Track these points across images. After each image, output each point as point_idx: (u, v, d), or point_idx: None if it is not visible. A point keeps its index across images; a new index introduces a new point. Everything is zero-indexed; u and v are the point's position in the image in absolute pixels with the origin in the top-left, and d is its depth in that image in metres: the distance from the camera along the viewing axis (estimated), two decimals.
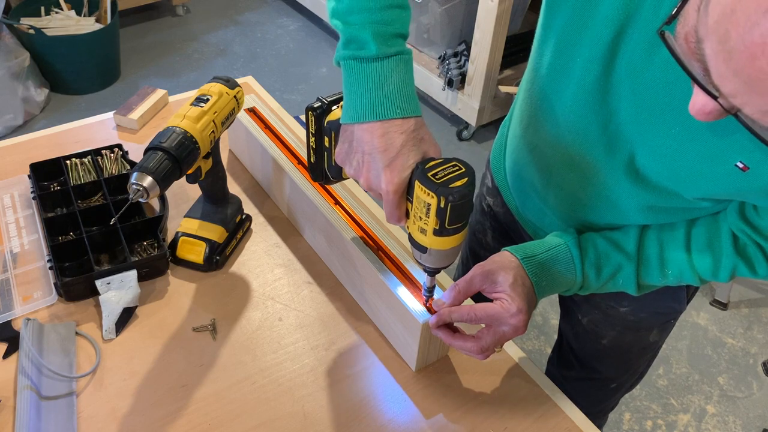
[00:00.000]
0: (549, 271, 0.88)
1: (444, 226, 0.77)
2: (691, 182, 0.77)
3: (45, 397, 0.88)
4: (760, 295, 2.37)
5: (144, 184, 0.87)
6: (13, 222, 1.12)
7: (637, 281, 0.89)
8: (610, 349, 1.16)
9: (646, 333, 1.13)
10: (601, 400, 1.30)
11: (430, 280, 0.87)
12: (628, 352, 1.18)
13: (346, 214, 1.05)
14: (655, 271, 0.89)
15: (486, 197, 1.21)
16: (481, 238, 1.26)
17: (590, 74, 0.78)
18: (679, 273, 0.87)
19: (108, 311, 0.97)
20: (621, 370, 1.22)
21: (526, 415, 0.92)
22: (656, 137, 0.76)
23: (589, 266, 0.89)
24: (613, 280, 0.90)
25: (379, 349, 0.98)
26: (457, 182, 0.75)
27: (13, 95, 2.74)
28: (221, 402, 0.90)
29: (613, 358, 1.19)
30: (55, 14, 2.99)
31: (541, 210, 1.01)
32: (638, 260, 0.89)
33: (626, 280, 0.90)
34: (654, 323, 1.12)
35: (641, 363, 1.23)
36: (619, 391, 1.28)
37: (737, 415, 2.00)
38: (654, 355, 1.24)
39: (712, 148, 0.73)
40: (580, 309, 1.15)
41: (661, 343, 1.19)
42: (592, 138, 0.83)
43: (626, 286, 0.90)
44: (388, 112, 0.77)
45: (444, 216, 0.76)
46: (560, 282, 0.89)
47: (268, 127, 1.20)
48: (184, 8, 3.63)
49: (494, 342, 0.85)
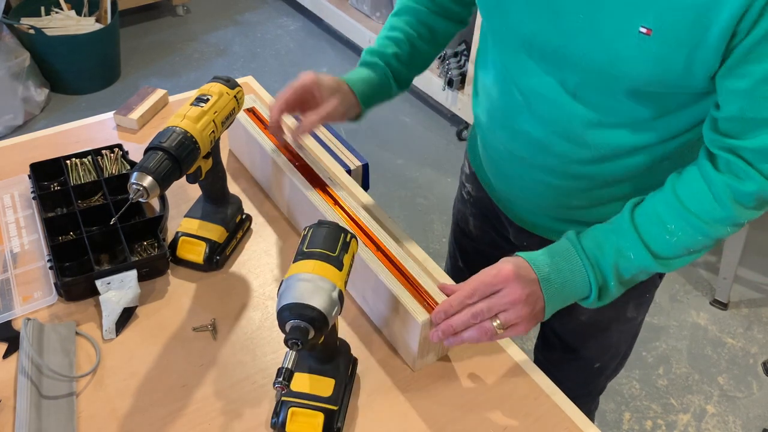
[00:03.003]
0: (551, 260, 0.88)
1: None
2: (609, 62, 0.81)
3: (45, 397, 0.88)
4: (760, 295, 2.37)
5: (144, 183, 0.87)
6: (13, 222, 1.12)
7: (648, 249, 0.87)
8: (589, 326, 1.17)
9: (622, 307, 1.14)
10: (586, 382, 1.30)
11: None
12: (607, 329, 1.18)
13: (346, 215, 1.05)
14: (657, 229, 0.87)
15: (465, 184, 1.25)
16: (464, 227, 1.28)
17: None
18: (683, 223, 0.86)
19: (108, 311, 0.97)
20: (602, 349, 1.23)
21: (526, 415, 0.92)
22: (564, 24, 0.82)
23: (588, 240, 0.89)
24: (624, 257, 0.88)
25: (379, 349, 0.98)
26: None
27: (13, 95, 2.74)
28: (221, 402, 0.90)
29: (593, 335, 1.20)
30: (55, 14, 2.99)
31: (510, 183, 1.06)
32: (635, 226, 0.88)
33: (637, 253, 0.88)
34: (629, 296, 1.10)
35: (621, 343, 1.24)
36: (603, 373, 1.28)
37: (737, 415, 2.00)
38: (634, 335, 1.25)
39: (616, 17, 0.77)
40: None
41: (639, 320, 1.20)
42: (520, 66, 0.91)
43: (642, 259, 0.88)
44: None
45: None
46: (567, 269, 0.88)
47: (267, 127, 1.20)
48: (184, 8, 3.63)
49: (488, 307, 0.85)
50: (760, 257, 2.49)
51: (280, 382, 0.74)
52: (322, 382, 0.86)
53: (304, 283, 0.76)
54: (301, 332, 0.74)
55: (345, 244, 0.82)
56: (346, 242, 0.83)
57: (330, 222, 0.84)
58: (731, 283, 2.26)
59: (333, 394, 0.85)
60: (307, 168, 1.13)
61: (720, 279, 2.27)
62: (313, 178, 1.11)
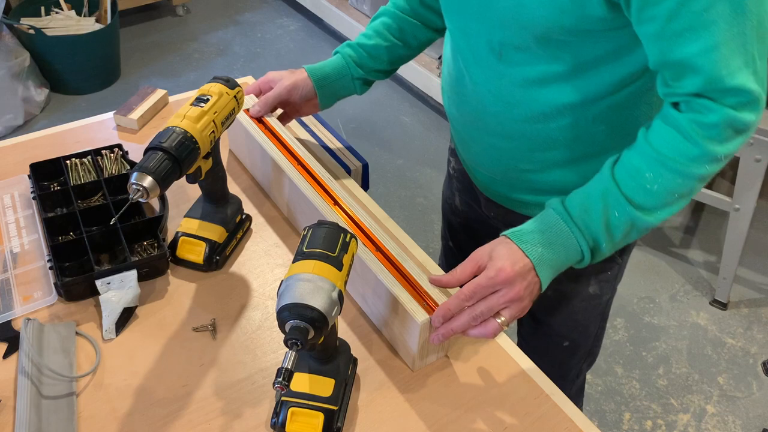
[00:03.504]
0: (542, 236, 0.89)
1: None
2: (515, 9, 0.88)
3: (45, 397, 0.88)
4: (760, 295, 2.37)
5: (144, 184, 0.87)
6: (13, 222, 1.12)
7: (632, 204, 0.88)
8: (554, 301, 1.20)
9: (585, 283, 1.17)
10: (559, 362, 1.31)
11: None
12: (571, 305, 1.20)
13: (345, 215, 1.05)
14: (637, 182, 0.88)
15: (450, 159, 1.33)
16: (451, 203, 1.35)
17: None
18: (661, 169, 0.87)
19: (108, 311, 0.97)
20: (568, 323, 1.24)
21: (526, 415, 0.92)
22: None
23: (574, 208, 0.90)
24: (611, 217, 0.89)
25: (378, 349, 0.98)
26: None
27: (13, 95, 2.74)
28: (221, 402, 0.90)
29: (559, 311, 1.22)
30: (55, 14, 2.99)
31: (468, 149, 1.14)
32: (616, 183, 0.89)
33: (621, 210, 0.88)
34: (590, 270, 1.13)
35: (590, 322, 1.25)
36: (574, 354, 1.29)
37: (737, 415, 2.00)
38: (602, 316, 1.26)
39: None
40: None
41: (604, 299, 1.22)
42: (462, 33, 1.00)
43: (628, 215, 0.88)
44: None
45: None
46: (559, 242, 0.89)
47: (267, 128, 1.20)
48: (184, 8, 3.63)
49: (489, 307, 0.86)
50: (760, 257, 2.49)
51: (280, 382, 0.74)
52: (322, 383, 0.86)
53: (304, 284, 0.76)
54: (301, 332, 0.74)
55: (345, 245, 0.82)
56: (346, 242, 0.83)
57: (330, 222, 0.84)
58: (731, 283, 2.26)
59: (333, 394, 0.85)
60: (307, 168, 1.13)
61: (720, 279, 2.27)
62: (313, 179, 1.11)
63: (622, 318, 2.25)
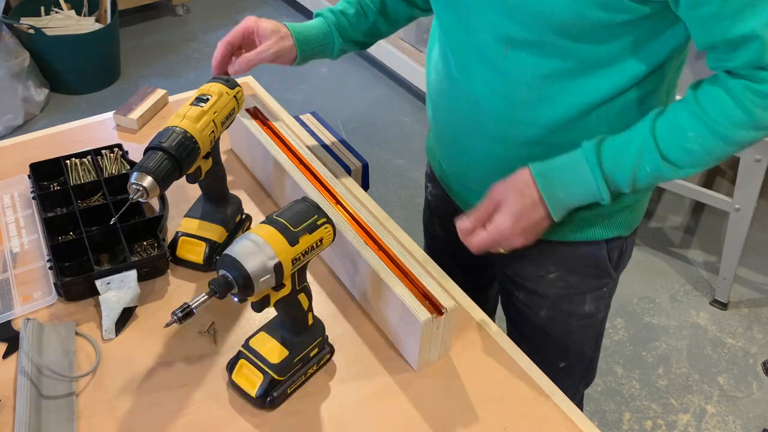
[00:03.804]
0: (555, 164, 0.94)
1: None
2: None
3: (45, 397, 0.88)
4: (760, 295, 2.37)
5: (144, 184, 0.87)
6: (13, 222, 1.12)
7: (664, 157, 0.89)
8: (549, 321, 1.18)
9: (580, 301, 1.15)
10: (553, 379, 1.30)
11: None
12: (567, 325, 1.19)
13: (347, 214, 1.05)
14: (675, 139, 0.89)
15: (427, 185, 1.32)
16: (432, 230, 1.37)
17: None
18: (704, 130, 0.87)
19: (108, 311, 0.97)
20: (564, 347, 1.22)
21: (526, 415, 0.92)
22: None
23: (607, 157, 0.92)
24: (640, 166, 0.90)
25: (380, 349, 0.98)
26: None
27: (13, 95, 2.74)
28: (221, 402, 0.90)
29: (554, 332, 1.20)
30: (55, 14, 2.99)
31: (458, 159, 1.11)
32: (655, 137, 0.90)
33: (653, 164, 0.90)
34: (585, 288, 1.13)
35: (585, 343, 1.23)
36: (570, 376, 1.27)
37: (737, 415, 2.00)
38: (597, 336, 1.25)
39: None
40: (514, 285, 1.18)
41: (599, 317, 1.20)
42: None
43: (656, 169, 0.90)
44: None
45: None
46: (571, 169, 0.93)
47: (268, 127, 1.20)
48: (184, 8, 3.63)
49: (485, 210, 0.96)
50: (760, 257, 2.49)
51: (176, 314, 0.77)
52: (276, 350, 0.90)
53: (250, 244, 0.79)
54: (225, 284, 0.78)
55: (313, 226, 0.84)
56: (315, 224, 0.84)
57: (311, 201, 0.86)
58: (731, 283, 2.26)
59: (280, 363, 0.89)
60: (308, 167, 1.13)
61: (720, 279, 2.27)
62: (315, 178, 1.11)
63: (622, 318, 2.25)
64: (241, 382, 0.90)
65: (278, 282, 0.82)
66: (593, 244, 1.08)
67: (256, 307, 0.83)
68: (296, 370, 0.91)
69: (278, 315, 0.90)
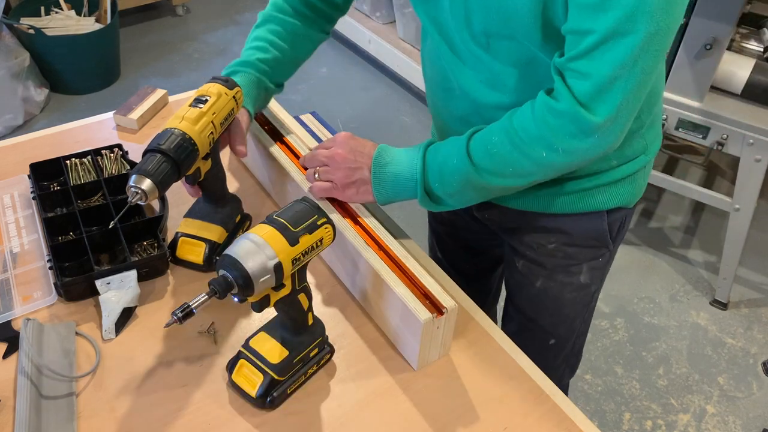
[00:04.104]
0: (396, 169, 1.00)
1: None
2: (503, 12, 0.88)
3: (45, 397, 0.88)
4: (760, 295, 2.37)
5: (143, 186, 0.87)
6: (13, 222, 1.12)
7: (468, 150, 0.95)
8: (542, 293, 1.20)
9: (576, 271, 1.16)
10: (542, 358, 1.31)
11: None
12: (560, 297, 1.20)
13: (347, 213, 1.05)
14: (482, 141, 0.94)
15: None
16: (436, 213, 1.36)
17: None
18: (502, 137, 0.92)
19: (108, 311, 0.97)
20: (555, 319, 1.24)
21: (526, 415, 0.92)
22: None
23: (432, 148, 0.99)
24: (449, 163, 0.96)
25: (380, 349, 0.98)
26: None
27: (13, 95, 2.74)
28: (221, 402, 0.90)
29: (548, 303, 1.22)
30: (55, 14, 2.99)
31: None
32: (470, 133, 0.96)
33: (459, 150, 0.95)
34: (582, 258, 1.15)
35: (575, 315, 1.24)
36: (560, 351, 1.29)
37: (737, 415, 2.00)
38: (588, 309, 1.26)
39: None
40: (516, 254, 1.20)
41: (593, 289, 1.22)
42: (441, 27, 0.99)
43: (463, 166, 0.95)
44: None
45: None
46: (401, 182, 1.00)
47: (268, 127, 1.20)
48: (184, 8, 3.63)
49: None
50: (760, 257, 2.49)
51: (176, 314, 0.78)
52: (277, 350, 0.90)
53: (250, 244, 0.79)
54: (225, 284, 0.79)
55: (312, 226, 0.84)
56: (315, 224, 0.84)
57: (311, 201, 0.86)
58: (731, 283, 2.26)
59: (280, 363, 0.88)
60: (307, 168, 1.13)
61: (720, 279, 2.27)
62: None
63: (622, 318, 2.25)
64: (241, 382, 0.90)
65: (278, 282, 0.82)
66: (594, 215, 1.09)
67: (256, 307, 0.83)
68: (296, 370, 0.91)
69: (278, 315, 0.90)
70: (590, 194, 1.06)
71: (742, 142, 1.98)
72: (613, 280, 2.36)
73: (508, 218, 1.15)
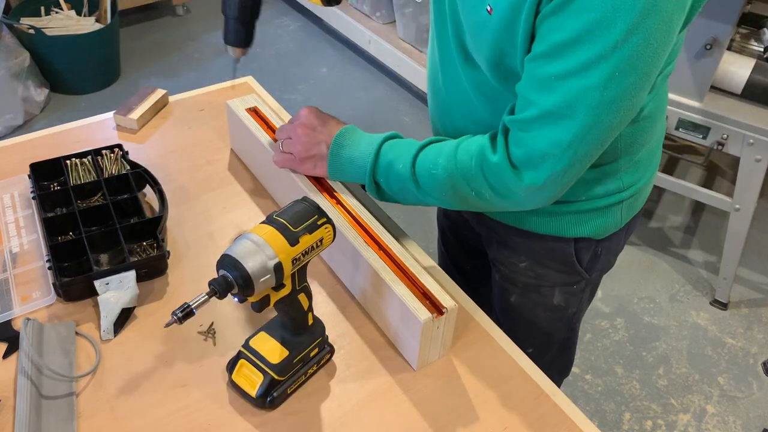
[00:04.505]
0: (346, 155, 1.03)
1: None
2: (473, 39, 0.90)
3: (45, 397, 0.88)
4: (760, 295, 2.37)
5: None
6: (13, 222, 1.12)
7: (413, 170, 0.96)
8: (518, 307, 1.21)
9: (548, 293, 1.17)
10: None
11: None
12: (535, 313, 1.21)
13: (347, 213, 1.05)
14: (427, 158, 0.96)
15: None
16: (444, 208, 1.35)
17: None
18: (447, 162, 0.94)
19: (106, 312, 0.97)
20: (532, 333, 1.24)
21: (526, 415, 0.92)
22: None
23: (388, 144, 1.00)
24: (395, 165, 0.98)
25: (380, 349, 0.98)
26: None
27: (13, 95, 2.74)
28: (221, 402, 0.90)
29: (523, 317, 1.22)
30: (55, 14, 2.99)
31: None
32: (424, 143, 0.98)
33: (404, 165, 0.97)
34: (554, 282, 1.15)
35: (554, 331, 1.25)
36: (538, 359, 1.26)
37: (737, 415, 2.00)
38: (570, 327, 1.26)
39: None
40: (494, 266, 1.22)
41: (571, 311, 1.21)
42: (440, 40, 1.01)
43: (404, 173, 0.97)
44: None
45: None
46: (361, 159, 1.01)
47: (268, 127, 1.20)
48: (184, 8, 3.63)
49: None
50: (760, 257, 2.49)
51: (176, 314, 0.78)
52: (277, 350, 0.89)
53: (250, 244, 0.79)
54: (225, 284, 0.79)
55: (313, 226, 0.84)
56: (315, 224, 0.84)
57: (311, 201, 0.86)
58: (731, 283, 2.26)
59: (280, 363, 0.88)
60: None
61: (720, 279, 2.27)
62: (313, 178, 1.11)
63: (622, 318, 2.25)
64: (241, 382, 0.90)
65: (278, 282, 0.81)
66: (561, 240, 1.09)
67: (256, 307, 0.83)
68: (296, 370, 0.91)
69: (278, 315, 0.90)
70: (556, 219, 1.06)
71: (742, 142, 1.98)
72: (613, 280, 2.36)
73: (486, 225, 1.16)
